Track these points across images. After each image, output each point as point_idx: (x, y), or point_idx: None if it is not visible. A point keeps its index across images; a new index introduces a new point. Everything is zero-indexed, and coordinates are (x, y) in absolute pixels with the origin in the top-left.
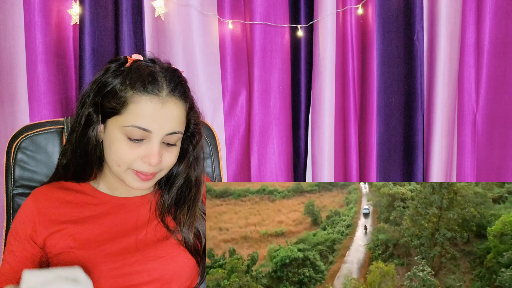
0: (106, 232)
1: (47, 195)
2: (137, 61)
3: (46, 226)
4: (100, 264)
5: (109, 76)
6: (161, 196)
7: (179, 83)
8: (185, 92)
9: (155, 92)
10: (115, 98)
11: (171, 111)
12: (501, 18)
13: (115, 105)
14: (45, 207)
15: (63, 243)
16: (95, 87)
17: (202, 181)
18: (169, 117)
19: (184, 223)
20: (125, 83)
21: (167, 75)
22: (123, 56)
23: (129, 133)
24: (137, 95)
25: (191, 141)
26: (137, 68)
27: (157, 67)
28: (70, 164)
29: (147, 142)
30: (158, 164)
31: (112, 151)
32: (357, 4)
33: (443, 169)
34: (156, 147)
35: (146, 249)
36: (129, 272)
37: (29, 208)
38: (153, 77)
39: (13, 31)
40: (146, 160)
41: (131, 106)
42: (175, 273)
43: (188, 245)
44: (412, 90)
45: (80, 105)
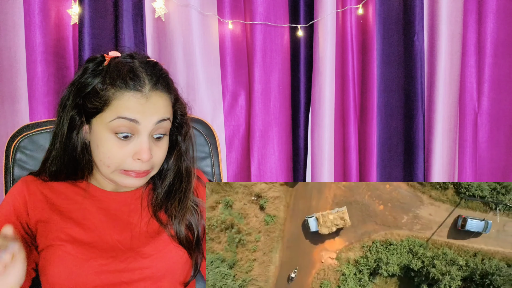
0: (97, 227)
1: (37, 182)
2: (115, 58)
3: (36, 210)
4: (91, 260)
5: (88, 76)
6: (154, 190)
7: (161, 76)
8: (168, 84)
9: (137, 88)
10: (96, 98)
11: (156, 102)
12: (503, 17)
13: (98, 104)
14: (36, 193)
15: (54, 234)
16: (74, 89)
17: (192, 173)
18: (155, 107)
19: (176, 216)
20: (106, 82)
21: (147, 69)
22: (100, 55)
23: (115, 128)
24: (119, 92)
25: (180, 132)
26: (116, 66)
27: (136, 63)
28: (61, 171)
29: (136, 138)
30: (150, 161)
31: (100, 152)
32: (357, 4)
33: (445, 169)
34: (146, 142)
35: (138, 245)
36: (120, 269)
37: (21, 190)
38: (133, 73)
39: (13, 31)
40: (137, 157)
41: (114, 103)
42: (167, 270)
43: (180, 238)
44: (412, 90)
45: (60, 109)
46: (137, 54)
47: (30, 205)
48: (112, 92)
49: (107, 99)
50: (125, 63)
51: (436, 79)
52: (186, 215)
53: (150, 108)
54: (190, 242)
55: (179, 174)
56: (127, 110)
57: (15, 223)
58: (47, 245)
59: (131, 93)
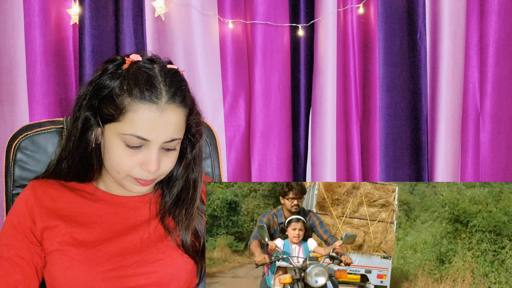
0: (105, 231)
1: (45, 187)
2: (136, 62)
3: (43, 218)
4: (97, 264)
5: (107, 78)
6: (162, 197)
7: (179, 88)
8: (184, 98)
9: (153, 100)
10: (112, 104)
11: (170, 119)
12: (505, 17)
13: (113, 112)
14: (43, 198)
15: (60, 238)
16: (91, 89)
17: (200, 182)
18: (168, 125)
19: (182, 224)
20: (123, 88)
21: (166, 79)
22: (121, 56)
23: (127, 140)
24: (134, 102)
25: (191, 141)
26: (135, 72)
27: (156, 70)
28: (71, 168)
29: (145, 149)
30: (157, 171)
31: (110, 158)
32: (358, 4)
33: (449, 169)
34: (155, 154)
35: (145, 250)
36: (127, 274)
37: (27, 198)
38: (151, 83)
39: (13, 31)
40: (145, 168)
41: (129, 115)
42: (173, 276)
43: (185, 247)
44: (415, 89)
45: (77, 108)
46: (158, 59)
47: (36, 213)
48: (128, 101)
49: (123, 109)
50: (145, 70)
51: (439, 79)
52: (192, 223)
53: (162, 125)
54: (196, 250)
55: (187, 183)
56: (140, 127)
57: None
58: (54, 250)
59: (146, 106)
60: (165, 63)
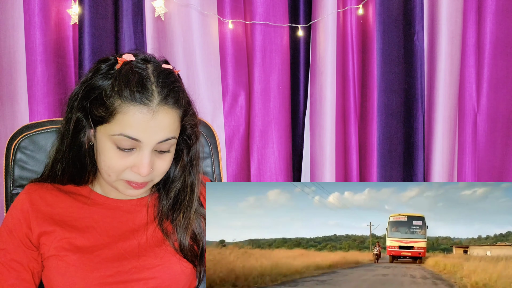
0: (102, 235)
1: (41, 192)
2: (128, 62)
3: (39, 223)
4: (94, 270)
5: (98, 79)
6: (160, 200)
7: (172, 89)
8: (178, 99)
9: (144, 102)
10: (102, 106)
11: (162, 120)
12: (502, 18)
13: (103, 114)
14: (38, 204)
15: (57, 244)
16: (83, 90)
17: (198, 184)
18: (160, 126)
19: (180, 228)
20: (113, 89)
21: (159, 80)
22: (114, 56)
23: (117, 141)
24: (124, 104)
25: (187, 143)
26: (126, 72)
27: (149, 70)
28: (65, 171)
29: (137, 152)
30: (150, 174)
31: (101, 160)
32: (358, 4)
33: (445, 169)
34: (147, 157)
35: (143, 255)
36: (125, 280)
37: (23, 203)
38: (142, 84)
39: (13, 31)
40: (136, 170)
41: (118, 116)
42: (172, 282)
43: (184, 251)
44: (412, 90)
45: (68, 109)
46: (153, 58)
47: (32, 219)
48: (118, 103)
49: (113, 111)
50: (137, 71)
51: (436, 79)
52: (191, 227)
53: (155, 127)
54: (195, 254)
55: (184, 186)
56: (130, 127)
57: (17, 239)
58: (51, 255)
59: (137, 108)
60: (160, 63)
